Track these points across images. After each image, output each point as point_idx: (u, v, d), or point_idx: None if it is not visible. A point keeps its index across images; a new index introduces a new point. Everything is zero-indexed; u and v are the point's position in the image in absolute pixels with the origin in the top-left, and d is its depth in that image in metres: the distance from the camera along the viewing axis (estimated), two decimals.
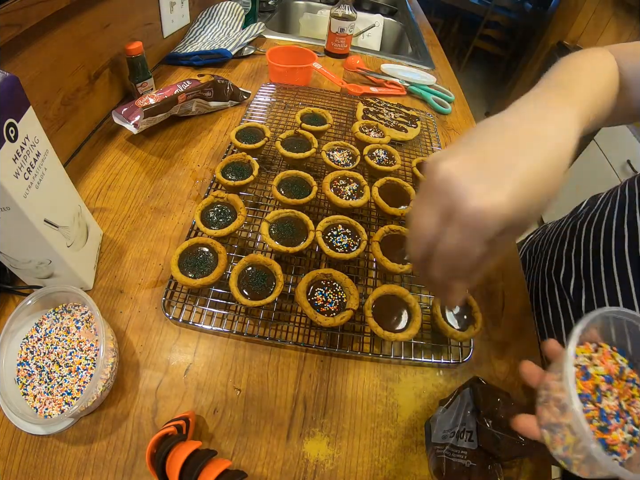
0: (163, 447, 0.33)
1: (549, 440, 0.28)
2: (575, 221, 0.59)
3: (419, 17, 1.48)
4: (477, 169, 0.24)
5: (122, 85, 0.77)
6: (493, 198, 0.22)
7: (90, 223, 0.49)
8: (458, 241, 0.24)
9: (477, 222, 0.23)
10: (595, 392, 0.27)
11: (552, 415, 0.28)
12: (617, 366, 0.29)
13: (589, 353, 0.30)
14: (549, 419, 0.28)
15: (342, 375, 0.45)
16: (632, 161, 1.60)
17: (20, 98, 0.33)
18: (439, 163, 0.24)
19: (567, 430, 0.26)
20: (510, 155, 0.24)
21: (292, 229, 0.51)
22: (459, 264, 0.25)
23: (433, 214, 0.25)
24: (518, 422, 0.29)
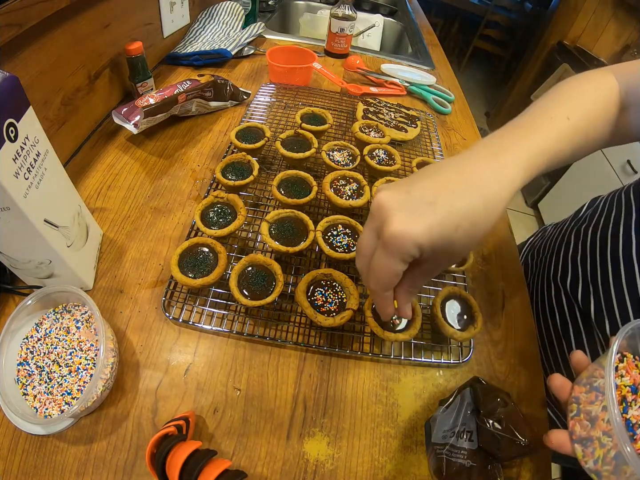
0: (163, 447, 0.33)
1: (580, 455, 0.28)
2: (579, 225, 0.58)
3: (419, 17, 1.48)
4: (405, 201, 0.27)
5: (122, 85, 0.77)
6: (408, 226, 0.26)
7: (90, 223, 0.49)
8: (381, 258, 0.28)
9: (394, 244, 0.27)
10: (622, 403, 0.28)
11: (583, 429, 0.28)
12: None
13: (615, 363, 0.30)
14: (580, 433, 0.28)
15: (342, 375, 0.45)
16: (632, 161, 1.60)
17: (20, 98, 0.33)
18: (379, 192, 0.29)
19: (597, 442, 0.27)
20: (437, 194, 0.27)
21: (292, 229, 0.51)
22: (383, 277, 0.29)
23: (369, 233, 0.30)
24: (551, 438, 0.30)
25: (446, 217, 0.26)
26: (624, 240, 0.48)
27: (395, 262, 0.28)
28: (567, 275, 0.55)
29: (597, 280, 0.50)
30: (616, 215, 0.51)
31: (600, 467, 0.27)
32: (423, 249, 0.27)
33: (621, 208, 0.51)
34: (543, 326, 0.59)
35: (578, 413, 0.30)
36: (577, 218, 0.62)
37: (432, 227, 0.26)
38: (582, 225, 0.57)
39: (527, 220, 2.27)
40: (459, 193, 0.27)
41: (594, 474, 0.28)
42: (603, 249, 0.50)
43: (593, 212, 0.57)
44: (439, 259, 0.29)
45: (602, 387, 0.28)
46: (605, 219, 0.53)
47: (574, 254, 0.56)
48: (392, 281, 0.29)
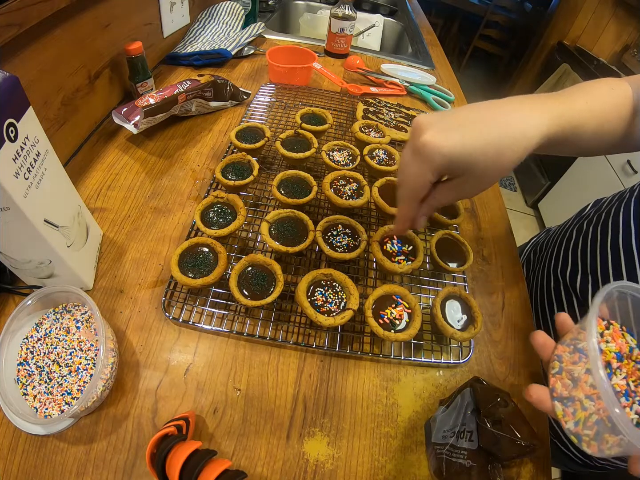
0: (163, 447, 0.33)
1: (560, 414, 0.28)
2: (582, 222, 0.59)
3: (419, 17, 1.48)
4: (439, 122, 0.32)
5: (122, 85, 0.77)
6: (439, 138, 0.31)
7: (90, 223, 0.49)
8: (414, 166, 0.33)
9: (424, 151, 0.31)
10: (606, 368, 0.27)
11: (565, 387, 0.28)
12: (627, 345, 0.29)
13: (601, 329, 0.29)
14: (561, 392, 0.28)
15: (342, 375, 0.45)
16: (632, 162, 1.60)
17: (20, 98, 0.33)
18: (418, 117, 0.34)
19: (579, 404, 0.26)
20: (466, 119, 0.32)
21: (292, 229, 0.51)
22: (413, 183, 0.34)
23: (408, 150, 0.34)
24: (531, 392, 0.30)
25: (474, 139, 0.31)
26: (623, 229, 0.48)
27: (425, 170, 0.32)
28: (567, 267, 0.56)
29: (596, 270, 0.50)
30: (617, 207, 0.52)
31: (581, 430, 0.26)
32: (450, 160, 0.31)
33: (623, 201, 0.52)
34: (542, 321, 0.59)
35: (560, 371, 0.29)
36: (580, 216, 0.63)
37: (459, 144, 0.30)
38: (585, 221, 0.58)
39: (527, 220, 2.27)
40: (489, 123, 0.31)
41: (574, 436, 0.27)
42: (603, 240, 0.51)
43: (596, 211, 0.58)
44: (463, 179, 0.33)
45: (586, 349, 0.28)
46: (606, 212, 0.54)
47: (574, 247, 0.56)
48: (422, 188, 0.34)
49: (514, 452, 0.35)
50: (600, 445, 0.26)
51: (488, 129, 0.31)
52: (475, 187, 0.36)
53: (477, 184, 0.34)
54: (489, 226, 0.65)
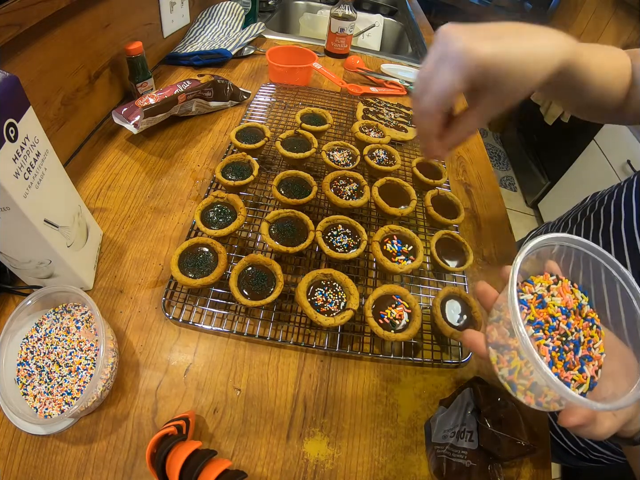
0: (163, 447, 0.33)
1: (495, 360, 0.27)
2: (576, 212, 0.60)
3: (419, 17, 1.48)
4: (471, 31, 0.30)
5: (122, 85, 0.77)
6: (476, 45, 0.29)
7: (90, 223, 0.49)
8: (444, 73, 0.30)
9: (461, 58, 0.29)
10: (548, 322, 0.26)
11: (501, 335, 0.27)
12: (576, 301, 0.28)
13: (547, 283, 0.29)
14: (497, 339, 0.27)
15: (342, 375, 0.45)
16: (632, 161, 1.60)
17: (20, 98, 0.33)
18: (444, 27, 0.31)
19: (515, 353, 0.26)
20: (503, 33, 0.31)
21: (292, 229, 0.51)
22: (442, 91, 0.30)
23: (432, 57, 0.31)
24: (465, 336, 0.30)
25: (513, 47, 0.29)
26: (625, 207, 0.48)
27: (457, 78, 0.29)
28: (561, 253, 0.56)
29: None
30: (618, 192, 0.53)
31: (516, 379, 0.26)
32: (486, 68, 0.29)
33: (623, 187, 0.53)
34: None
35: (498, 319, 0.28)
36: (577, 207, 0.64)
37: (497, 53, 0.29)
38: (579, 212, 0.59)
39: (527, 220, 2.27)
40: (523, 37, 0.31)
41: (507, 384, 0.27)
42: (606, 222, 0.51)
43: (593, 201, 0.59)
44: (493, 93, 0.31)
45: (529, 301, 0.27)
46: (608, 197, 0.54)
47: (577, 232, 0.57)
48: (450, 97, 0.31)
49: (514, 452, 0.35)
50: (538, 398, 0.25)
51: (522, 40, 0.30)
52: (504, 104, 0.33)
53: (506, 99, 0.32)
54: (489, 226, 0.65)
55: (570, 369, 0.26)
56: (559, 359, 0.26)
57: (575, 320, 0.27)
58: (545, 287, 0.28)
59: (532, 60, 0.30)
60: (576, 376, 0.26)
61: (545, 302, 0.27)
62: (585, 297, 0.29)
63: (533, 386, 0.25)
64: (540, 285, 0.28)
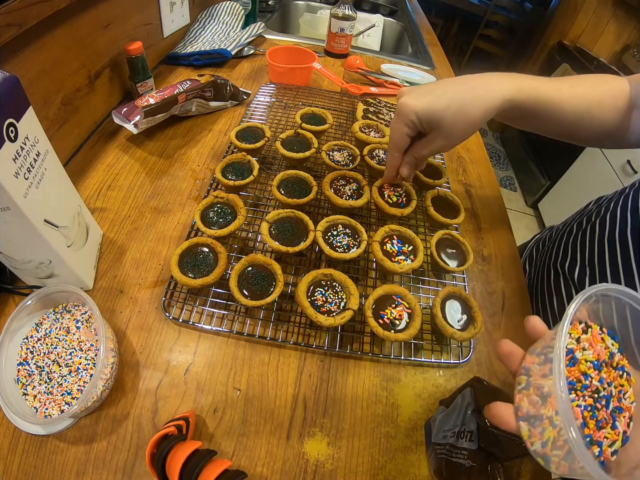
0: (163, 447, 0.33)
1: (526, 435, 0.25)
2: (582, 218, 0.60)
3: (419, 17, 1.48)
4: (414, 90, 0.43)
5: (122, 85, 0.77)
6: (411, 100, 0.42)
7: (90, 223, 0.49)
8: (393, 123, 0.45)
9: (400, 110, 0.43)
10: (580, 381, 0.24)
11: (532, 405, 0.24)
12: (607, 351, 0.26)
13: (577, 334, 0.26)
14: (528, 409, 0.25)
15: (342, 375, 0.45)
16: (632, 161, 1.60)
17: (20, 98, 0.33)
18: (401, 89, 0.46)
19: (548, 422, 0.23)
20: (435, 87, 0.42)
21: (292, 229, 0.51)
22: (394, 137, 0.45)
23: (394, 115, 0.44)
24: (492, 411, 0.26)
25: (439, 96, 0.40)
26: (620, 218, 0.49)
27: (401, 124, 0.43)
28: (566, 259, 0.57)
29: (593, 261, 0.51)
30: (616, 202, 0.53)
31: (550, 451, 0.23)
32: (419, 117, 0.41)
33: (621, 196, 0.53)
34: (542, 316, 0.59)
35: (527, 386, 0.25)
36: (582, 212, 0.64)
37: (427, 102, 0.40)
38: (585, 217, 0.59)
39: (527, 220, 2.27)
40: (453, 86, 0.41)
41: (541, 458, 0.24)
42: (601, 232, 0.52)
43: (598, 207, 0.58)
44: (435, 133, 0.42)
45: None
46: (605, 207, 0.55)
47: (574, 240, 0.57)
48: (400, 140, 0.45)
49: (515, 452, 0.35)
50: (572, 465, 0.23)
51: (453, 91, 0.40)
52: (446, 141, 0.43)
53: (447, 137, 0.42)
54: (489, 226, 0.65)
55: (602, 427, 0.24)
56: (590, 418, 0.24)
57: (607, 373, 0.25)
58: (575, 339, 0.26)
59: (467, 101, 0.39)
60: (609, 434, 0.24)
61: (577, 357, 0.25)
62: (616, 343, 0.27)
63: (567, 455, 0.23)
64: (570, 336, 0.26)
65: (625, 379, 0.26)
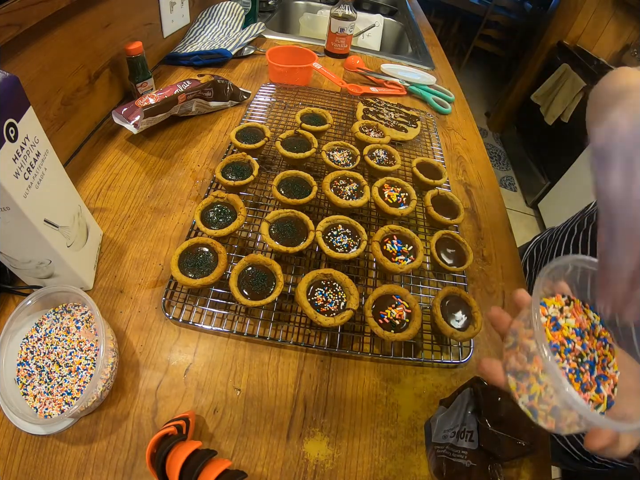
0: (163, 447, 0.33)
1: (514, 387, 0.27)
2: (583, 218, 0.60)
3: (419, 17, 1.48)
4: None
5: (122, 85, 0.77)
6: None
7: (90, 223, 0.49)
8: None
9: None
10: (563, 345, 0.26)
11: (519, 361, 0.27)
12: (589, 322, 0.28)
13: (560, 305, 0.28)
14: (515, 365, 0.27)
15: (342, 375, 0.45)
16: None
17: (20, 98, 0.33)
18: None
19: (534, 378, 0.25)
20: None
21: (292, 229, 0.51)
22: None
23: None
24: (483, 365, 0.29)
25: None
26: None
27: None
28: None
29: None
30: None
31: (536, 404, 0.26)
32: None
33: None
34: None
35: (514, 345, 0.28)
36: (583, 212, 0.63)
37: None
38: (586, 218, 0.58)
39: (527, 220, 2.27)
40: None
41: (529, 410, 0.27)
42: None
43: None
44: None
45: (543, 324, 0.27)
46: None
47: (575, 241, 0.57)
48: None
49: (514, 452, 0.35)
50: (559, 423, 0.25)
51: None
52: None
53: None
54: (489, 226, 0.65)
55: (587, 389, 0.26)
56: (575, 380, 0.26)
57: (590, 341, 0.27)
58: (558, 309, 0.28)
59: None
60: (594, 397, 0.26)
61: (560, 324, 0.27)
62: (597, 316, 0.29)
63: (553, 410, 0.25)
64: (553, 307, 0.28)
65: (609, 350, 0.28)
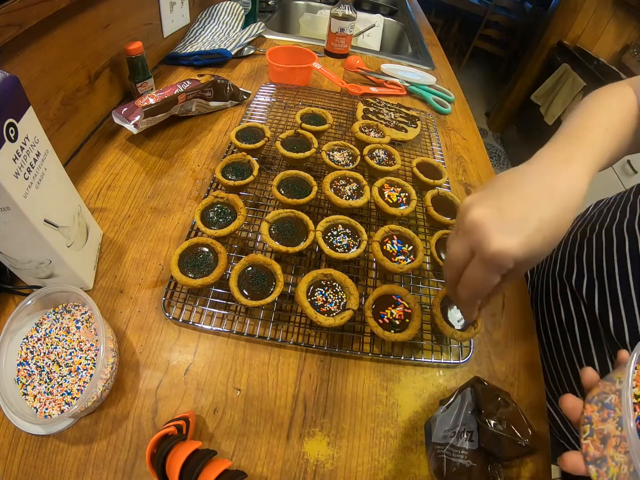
0: (163, 447, 0.33)
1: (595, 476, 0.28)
2: (585, 225, 0.59)
3: (419, 17, 1.48)
4: (498, 219, 0.30)
5: (122, 85, 0.77)
6: (507, 245, 0.29)
7: (90, 223, 0.49)
8: (480, 273, 0.31)
9: (495, 261, 0.29)
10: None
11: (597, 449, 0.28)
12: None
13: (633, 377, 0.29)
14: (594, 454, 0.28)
15: (342, 375, 0.45)
16: (632, 161, 1.60)
17: (20, 98, 0.33)
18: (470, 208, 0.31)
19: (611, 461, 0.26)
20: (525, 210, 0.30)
21: (292, 229, 0.51)
22: (480, 288, 0.32)
23: (463, 248, 0.32)
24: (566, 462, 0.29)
25: (536, 231, 0.30)
26: (630, 238, 0.48)
27: (495, 276, 0.31)
28: (572, 272, 0.56)
29: (603, 277, 0.50)
30: (622, 214, 0.52)
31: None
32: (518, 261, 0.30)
33: (627, 207, 0.52)
34: (547, 321, 0.59)
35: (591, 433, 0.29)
36: (582, 218, 0.63)
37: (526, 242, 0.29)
38: (588, 225, 0.58)
39: None
40: (543, 207, 0.30)
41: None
42: (609, 247, 0.51)
43: (599, 213, 0.58)
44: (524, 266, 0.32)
45: (613, 403, 0.28)
46: (611, 216, 0.54)
47: (579, 252, 0.56)
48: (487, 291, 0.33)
49: (515, 452, 0.35)
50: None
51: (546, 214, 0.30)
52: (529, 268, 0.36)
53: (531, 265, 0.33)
54: None
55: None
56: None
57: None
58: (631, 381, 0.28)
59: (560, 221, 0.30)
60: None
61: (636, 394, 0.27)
62: None
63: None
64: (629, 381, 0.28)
65: None
